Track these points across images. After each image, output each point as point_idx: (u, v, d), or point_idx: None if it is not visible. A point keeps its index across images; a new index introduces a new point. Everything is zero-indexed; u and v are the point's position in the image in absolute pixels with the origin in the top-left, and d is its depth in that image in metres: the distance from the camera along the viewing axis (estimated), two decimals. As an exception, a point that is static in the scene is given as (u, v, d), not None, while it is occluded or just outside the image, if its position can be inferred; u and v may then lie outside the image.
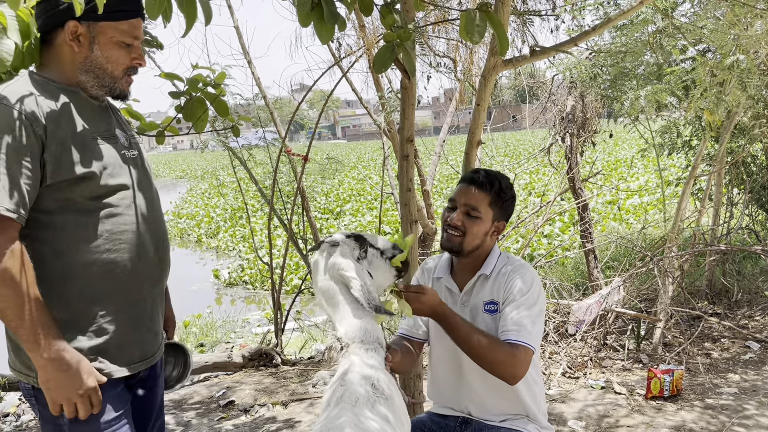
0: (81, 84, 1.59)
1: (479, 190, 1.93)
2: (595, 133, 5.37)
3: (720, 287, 5.10)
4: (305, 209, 4.96)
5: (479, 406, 1.98)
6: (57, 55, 1.57)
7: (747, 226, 5.52)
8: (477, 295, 1.97)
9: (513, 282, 1.90)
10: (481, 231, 1.93)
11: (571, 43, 2.24)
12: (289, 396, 3.74)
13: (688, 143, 5.71)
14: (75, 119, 1.53)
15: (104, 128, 1.61)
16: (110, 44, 1.56)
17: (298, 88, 5.87)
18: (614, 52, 2.75)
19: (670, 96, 3.40)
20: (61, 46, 1.55)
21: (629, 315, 4.29)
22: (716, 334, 4.40)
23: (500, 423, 1.96)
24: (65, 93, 1.54)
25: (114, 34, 1.56)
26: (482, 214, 1.92)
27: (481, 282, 1.98)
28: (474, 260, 1.99)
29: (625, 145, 22.26)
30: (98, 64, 1.57)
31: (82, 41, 1.54)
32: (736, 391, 3.48)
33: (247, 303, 8.21)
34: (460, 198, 1.95)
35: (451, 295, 2.03)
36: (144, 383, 1.73)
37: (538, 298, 1.88)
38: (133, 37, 1.59)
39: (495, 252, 2.01)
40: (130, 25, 1.58)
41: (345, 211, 13.84)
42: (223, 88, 2.53)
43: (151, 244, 1.64)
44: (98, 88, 1.60)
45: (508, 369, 1.75)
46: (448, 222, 1.95)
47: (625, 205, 10.88)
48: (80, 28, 1.52)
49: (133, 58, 1.62)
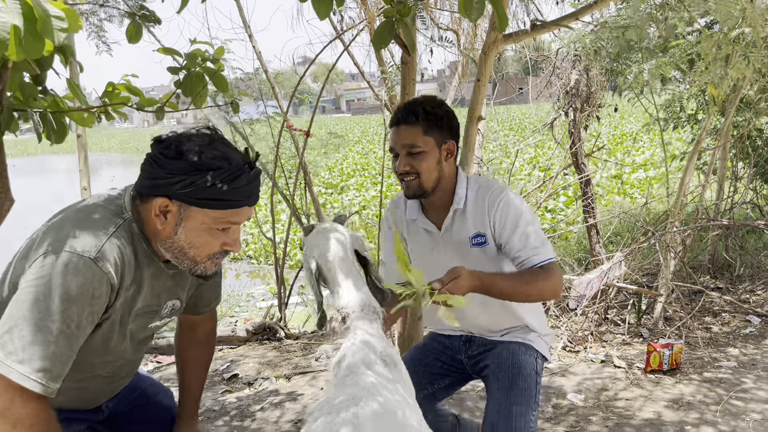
0: (159, 252, 1.46)
1: (408, 126, 1.86)
2: (600, 107, 5.33)
3: (722, 262, 5.10)
4: (308, 184, 4.96)
5: (480, 328, 2.05)
6: (147, 220, 1.42)
7: (751, 201, 5.50)
8: (459, 232, 1.94)
9: (500, 212, 1.86)
10: (432, 163, 1.87)
11: (572, 17, 2.21)
12: (292, 369, 3.79)
13: (694, 117, 5.66)
14: (137, 297, 1.46)
15: (155, 303, 1.52)
16: (199, 230, 1.39)
17: (301, 61, 5.82)
18: (617, 26, 2.71)
19: (674, 70, 3.36)
20: (150, 213, 1.40)
21: (630, 290, 4.31)
22: (717, 308, 4.41)
23: (501, 337, 2.02)
24: (146, 260, 1.44)
25: (206, 221, 1.38)
26: (423, 146, 1.85)
27: (459, 217, 1.93)
28: (443, 194, 1.93)
29: (631, 119, 22.06)
30: (179, 247, 1.41)
31: (169, 219, 1.38)
32: (735, 365, 3.51)
33: (252, 277, 8.27)
34: (396, 143, 1.89)
35: (430, 236, 2.00)
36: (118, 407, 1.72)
37: (526, 209, 1.88)
38: (230, 223, 1.41)
39: (461, 181, 1.94)
40: (230, 212, 1.39)
41: (349, 185, 13.83)
42: (222, 63, 2.51)
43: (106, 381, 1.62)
44: (176, 263, 1.46)
45: (549, 291, 1.81)
46: (398, 172, 1.90)
47: (629, 180, 10.83)
48: (171, 205, 1.36)
49: (224, 243, 1.43)
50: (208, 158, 1.34)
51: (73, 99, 2.23)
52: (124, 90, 2.40)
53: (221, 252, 1.45)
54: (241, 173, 1.36)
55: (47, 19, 1.48)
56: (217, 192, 1.34)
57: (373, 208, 10.71)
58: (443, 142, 1.88)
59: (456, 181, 1.94)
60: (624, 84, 4.15)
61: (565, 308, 4.32)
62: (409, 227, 2.05)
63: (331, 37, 4.60)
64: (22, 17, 1.44)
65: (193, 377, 1.86)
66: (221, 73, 2.49)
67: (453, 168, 1.94)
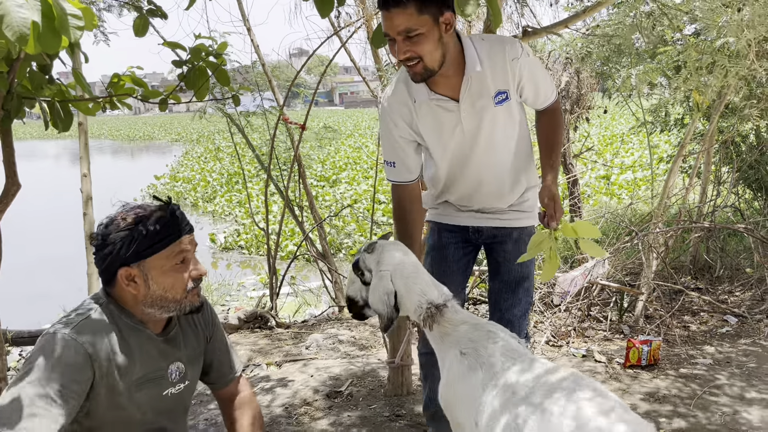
0: (146, 319, 1.64)
1: (399, 9, 1.71)
2: (590, 109, 5.45)
3: (703, 263, 5.24)
4: (302, 177, 5.05)
5: (486, 204, 2.15)
6: (122, 297, 1.62)
7: (733, 204, 5.65)
8: (480, 95, 1.89)
9: (526, 65, 1.89)
10: (433, 42, 1.76)
11: (562, 25, 2.32)
12: (283, 357, 3.89)
13: (681, 121, 5.80)
14: (132, 366, 1.60)
15: (156, 368, 1.66)
16: (164, 274, 1.59)
17: (296, 53, 5.89)
18: (605, 36, 2.82)
19: (660, 76, 3.48)
20: (122, 290, 1.60)
21: (613, 288, 4.44)
22: (696, 307, 4.55)
23: (507, 220, 2.15)
24: (133, 332, 1.61)
25: (164, 263, 1.58)
26: (420, 27, 1.72)
27: (476, 80, 1.86)
28: (450, 64, 1.84)
29: (621, 120, 22.24)
30: (158, 296, 1.60)
31: (138, 282, 1.58)
32: (710, 362, 3.64)
33: (243, 267, 8.35)
34: (389, 29, 1.77)
35: (449, 113, 1.92)
36: None
37: (529, 53, 1.95)
38: (182, 253, 1.61)
39: (468, 45, 1.85)
40: (176, 245, 1.59)
41: (341, 179, 13.91)
42: (224, 57, 2.60)
43: None
44: (166, 313, 1.64)
45: (562, 117, 2.10)
46: (399, 58, 1.80)
47: (617, 180, 10.99)
48: (131, 270, 1.57)
49: (190, 273, 1.62)
50: (131, 217, 1.57)
51: (76, 87, 2.30)
52: (129, 81, 2.48)
53: (194, 282, 1.64)
54: (161, 212, 1.59)
55: (65, 16, 1.56)
56: (155, 234, 1.56)
57: (364, 201, 10.79)
58: (440, 15, 1.74)
59: (461, 46, 1.85)
60: (613, 87, 4.27)
61: (550, 304, 4.45)
62: (419, 111, 1.94)
63: (327, 32, 4.68)
64: (41, 14, 1.52)
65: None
66: (223, 67, 2.58)
67: (454, 39, 1.83)
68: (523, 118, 2.08)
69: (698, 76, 2.99)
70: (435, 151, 2.05)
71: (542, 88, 1.99)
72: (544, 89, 2.00)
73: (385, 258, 1.75)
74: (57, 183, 14.78)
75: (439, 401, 1.69)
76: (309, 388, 3.29)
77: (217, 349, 1.87)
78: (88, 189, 4.06)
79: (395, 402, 3.09)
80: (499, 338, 1.58)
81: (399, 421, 2.91)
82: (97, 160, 5.46)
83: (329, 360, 3.81)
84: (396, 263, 1.74)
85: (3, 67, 1.81)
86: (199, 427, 2.92)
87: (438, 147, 2.02)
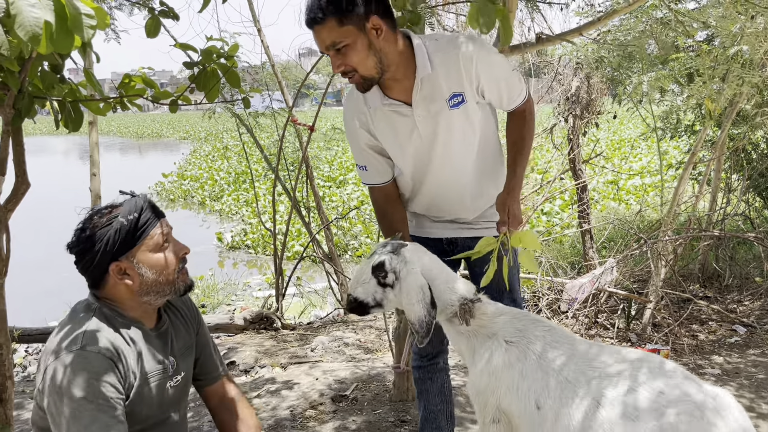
0: (141, 315, 1.67)
1: (322, 26, 1.70)
2: (599, 114, 5.42)
3: (712, 272, 5.21)
4: (309, 178, 5.04)
5: (465, 209, 2.09)
6: (116, 294, 1.64)
7: (743, 213, 5.61)
8: (433, 99, 1.83)
9: (483, 66, 1.79)
10: (363, 51, 1.72)
11: (576, 32, 2.30)
12: (288, 359, 3.88)
13: (691, 128, 5.76)
14: (140, 362, 1.63)
15: (157, 361, 1.69)
16: (152, 259, 1.63)
17: (305, 52, 5.89)
18: (617, 44, 2.79)
19: (672, 83, 3.45)
20: (115, 287, 1.63)
21: (621, 295, 4.41)
22: (704, 316, 4.52)
23: (480, 218, 2.10)
24: (132, 330, 1.64)
25: (150, 248, 1.62)
26: (344, 39, 1.69)
27: (427, 83, 1.80)
28: (397, 67, 1.79)
29: (630, 125, 22.16)
30: (152, 281, 1.63)
31: (131, 273, 1.61)
32: (719, 373, 3.61)
33: (249, 267, 8.35)
34: (319, 46, 1.76)
35: (403, 117, 1.88)
36: None
37: (493, 51, 1.88)
38: (164, 235, 1.65)
39: (419, 46, 1.79)
40: (156, 230, 1.64)
41: (347, 179, 13.90)
42: (235, 60, 2.59)
43: None
44: (162, 298, 1.68)
45: (534, 120, 2.01)
46: (335, 72, 1.80)
47: (626, 186, 10.94)
48: (122, 264, 1.60)
49: (175, 253, 1.67)
50: (108, 214, 1.62)
51: (86, 86, 2.30)
52: (140, 82, 2.48)
53: (180, 261, 1.69)
54: (131, 202, 1.65)
55: (78, 16, 1.56)
56: (136, 221, 1.61)
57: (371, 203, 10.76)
58: (365, 21, 1.69)
59: (411, 47, 1.79)
60: (623, 93, 4.24)
61: (557, 311, 4.42)
62: (374, 117, 1.91)
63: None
64: (54, 14, 1.52)
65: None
66: (234, 69, 2.57)
67: (393, 38, 1.76)
68: (489, 122, 1.98)
69: (711, 84, 2.96)
70: (396, 156, 2.00)
71: (506, 89, 1.88)
72: (508, 90, 1.88)
73: (412, 257, 1.76)
74: (66, 180, 14.83)
75: (469, 391, 1.74)
76: (314, 391, 3.29)
77: (203, 344, 1.89)
78: (97, 188, 4.06)
79: (400, 407, 3.07)
80: (545, 324, 1.68)
81: (404, 426, 2.89)
82: (105, 157, 5.46)
83: (335, 363, 3.80)
84: (423, 262, 1.77)
85: (15, 66, 1.81)
86: (204, 428, 2.92)
87: (398, 153, 1.97)
